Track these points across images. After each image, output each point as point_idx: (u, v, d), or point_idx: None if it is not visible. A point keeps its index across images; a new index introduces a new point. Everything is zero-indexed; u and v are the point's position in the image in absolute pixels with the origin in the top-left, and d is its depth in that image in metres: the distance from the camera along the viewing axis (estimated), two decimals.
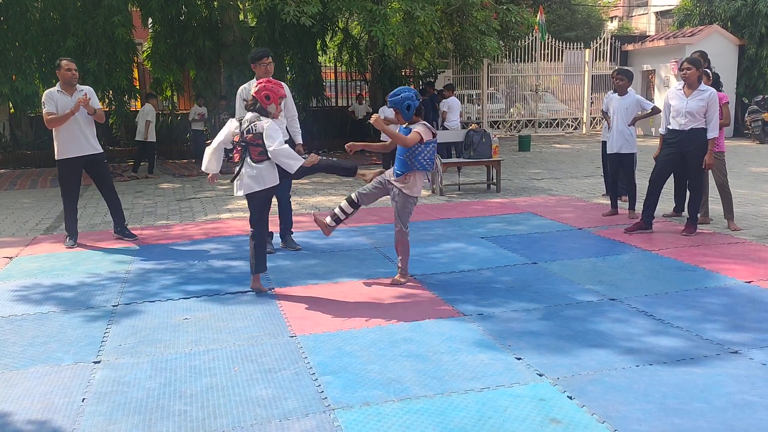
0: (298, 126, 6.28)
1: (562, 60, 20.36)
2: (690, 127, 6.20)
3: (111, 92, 13.61)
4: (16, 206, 9.48)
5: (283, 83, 5.17)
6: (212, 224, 7.68)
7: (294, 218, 6.57)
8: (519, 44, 19.60)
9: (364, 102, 16.88)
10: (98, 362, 3.70)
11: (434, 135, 4.90)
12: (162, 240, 6.85)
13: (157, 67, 14.41)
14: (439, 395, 3.19)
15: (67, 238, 6.71)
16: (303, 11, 11.94)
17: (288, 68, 16.78)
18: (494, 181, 9.92)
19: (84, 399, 3.24)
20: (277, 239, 6.44)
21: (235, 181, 4.80)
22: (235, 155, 4.80)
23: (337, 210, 5.21)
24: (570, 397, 3.13)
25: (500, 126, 20.34)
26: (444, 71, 18.80)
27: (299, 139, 6.23)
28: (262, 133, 4.66)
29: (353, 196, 5.14)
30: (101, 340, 4.03)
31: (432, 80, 17.43)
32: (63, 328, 4.26)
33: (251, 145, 4.70)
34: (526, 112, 20.97)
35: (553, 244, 6.27)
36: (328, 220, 5.22)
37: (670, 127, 6.38)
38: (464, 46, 15.36)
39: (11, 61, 13.65)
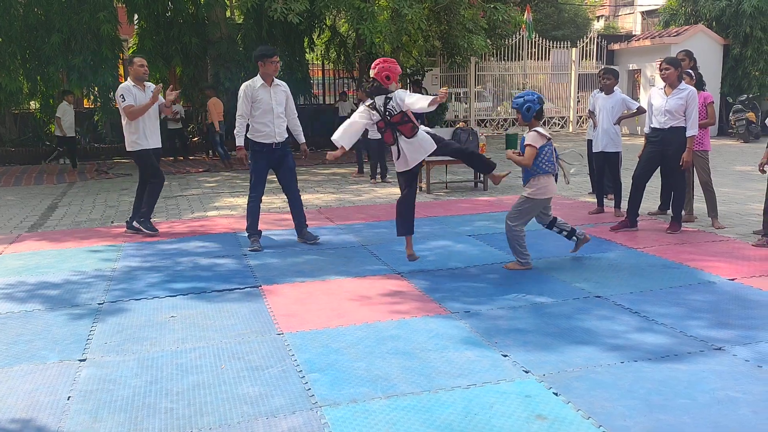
0: (299, 125, 6.47)
1: (548, 59, 20.45)
2: (669, 126, 6.27)
3: (96, 89, 13.50)
4: (0, 203, 9.39)
5: (395, 61, 5.33)
6: (199, 222, 7.65)
7: (281, 216, 6.56)
8: (506, 43, 19.67)
9: (348, 99, 16.87)
10: (84, 360, 3.68)
11: (548, 139, 5.18)
12: (148, 238, 6.80)
13: None
14: (426, 392, 3.20)
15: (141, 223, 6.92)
16: (290, 8, 11.92)
17: None
18: (481, 179, 9.94)
19: (69, 397, 3.22)
20: (266, 236, 6.42)
21: (397, 161, 5.18)
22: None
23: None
24: (556, 394, 3.15)
25: (487, 124, 20.40)
26: (431, 69, 18.82)
27: (302, 138, 6.47)
28: (403, 111, 4.98)
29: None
30: (87, 338, 4.00)
31: (419, 78, 17.46)
32: (48, 326, 4.23)
33: (401, 125, 5.04)
34: (513, 111, 21.03)
35: (540, 241, 6.30)
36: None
37: (652, 125, 6.45)
38: (452, 44, 15.40)
39: None
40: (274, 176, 6.48)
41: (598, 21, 38.42)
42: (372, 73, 5.10)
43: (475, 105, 20.29)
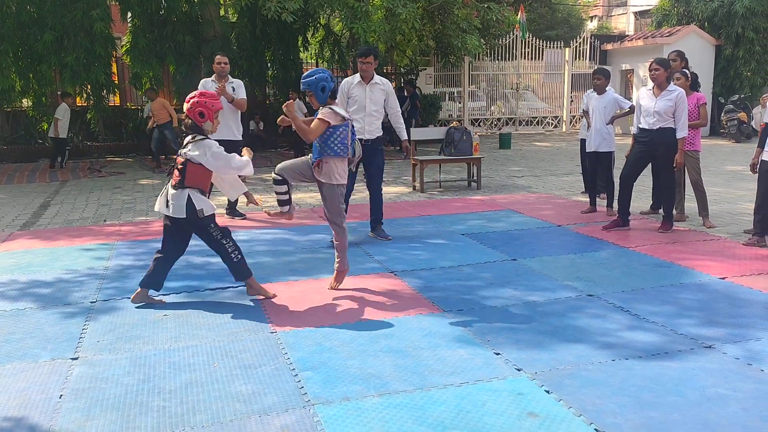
0: (402, 122, 6.68)
1: (542, 59, 20.49)
2: (658, 127, 6.31)
3: (89, 87, 13.44)
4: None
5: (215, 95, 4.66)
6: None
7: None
8: (500, 42, 19.69)
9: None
10: (76, 359, 3.67)
11: (344, 119, 4.62)
12: (141, 236, 6.79)
13: (136, 62, 14.23)
14: (419, 390, 3.22)
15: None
16: (284, 7, 11.88)
17: (269, 64, 16.70)
18: (475, 178, 9.97)
19: (61, 395, 3.22)
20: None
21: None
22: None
23: (278, 197, 4.91)
24: (547, 392, 3.17)
25: (481, 124, 20.43)
26: (425, 69, 18.82)
27: (404, 135, 6.78)
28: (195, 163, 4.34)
29: (275, 174, 4.84)
30: (79, 337, 3.99)
31: (413, 78, 17.47)
32: (40, 324, 4.22)
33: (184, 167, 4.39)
34: (506, 110, 21.08)
35: (533, 241, 6.33)
36: (279, 210, 4.95)
37: (641, 126, 6.48)
38: (445, 43, 15.39)
39: None
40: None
41: (591, 21, 38.53)
42: (185, 107, 4.40)
43: (469, 104, 20.32)
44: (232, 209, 7.73)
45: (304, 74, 4.67)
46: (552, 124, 21.05)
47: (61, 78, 13.55)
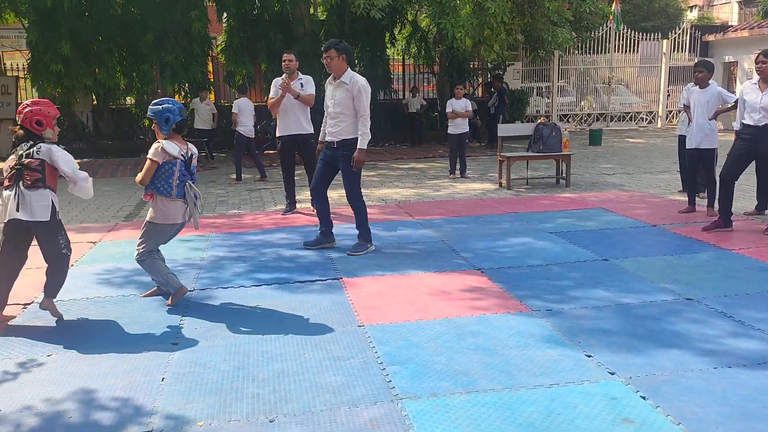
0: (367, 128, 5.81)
1: (637, 51, 19.69)
2: (764, 123, 5.94)
3: (187, 85, 14.05)
4: (98, 194, 9.93)
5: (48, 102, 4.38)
6: (280, 215, 7.84)
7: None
8: (592, 35, 19.07)
9: (418, 95, 16.83)
10: (176, 344, 3.86)
11: (175, 157, 4.36)
12: (234, 229, 7.05)
13: (230, 61, 14.77)
14: (507, 389, 3.18)
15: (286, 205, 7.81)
16: (373, 4, 11.99)
17: (356, 61, 16.89)
18: (564, 175, 9.71)
19: (163, 378, 3.39)
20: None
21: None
22: None
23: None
24: (643, 397, 3.06)
25: (570, 119, 19.88)
26: (513, 63, 18.50)
27: (362, 144, 5.73)
28: (45, 160, 4.10)
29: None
30: (179, 323, 4.20)
31: (500, 73, 17.21)
32: (143, 310, 4.47)
33: (30, 170, 4.07)
34: (597, 106, 20.41)
35: (626, 240, 6.10)
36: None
37: (744, 122, 6.12)
38: (535, 37, 15.05)
39: (94, 55, 14.30)
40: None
41: (691, 11, 36.66)
42: (18, 119, 4.16)
43: (558, 100, 19.81)
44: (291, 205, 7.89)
45: (153, 102, 4.52)
46: (646, 119, 20.21)
47: (161, 76, 14.24)
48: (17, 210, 4.04)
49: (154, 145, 4.39)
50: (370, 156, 14.35)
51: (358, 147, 5.69)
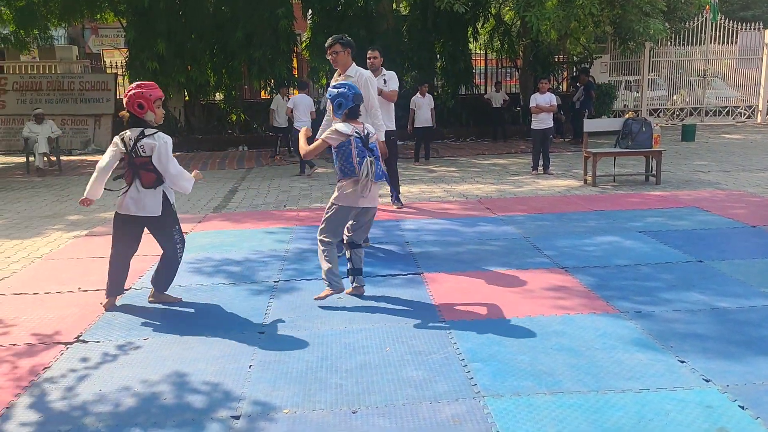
0: (379, 120, 5.98)
1: (735, 42, 18.62)
2: None
3: (273, 81, 14.42)
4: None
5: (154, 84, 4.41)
6: None
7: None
8: (686, 26, 18.19)
9: (501, 90, 16.55)
10: (263, 333, 3.98)
11: (348, 136, 4.32)
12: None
13: (314, 57, 15.06)
14: (594, 392, 3.09)
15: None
16: None
17: (438, 56, 16.82)
18: (654, 172, 9.32)
19: (251, 366, 3.51)
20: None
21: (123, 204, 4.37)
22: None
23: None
24: (742, 407, 2.89)
25: (661, 114, 19.06)
26: (600, 56, 17.90)
27: (381, 136, 5.90)
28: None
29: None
30: (264, 313, 4.32)
31: (587, 66, 16.70)
32: (231, 299, 4.63)
33: (143, 169, 4.25)
34: (690, 100, 19.45)
35: (722, 241, 5.79)
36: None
37: None
38: (625, 29, 14.50)
39: (188, 53, 14.91)
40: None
41: None
42: (123, 102, 4.26)
43: (648, 93, 19.02)
44: (396, 198, 7.92)
45: (332, 85, 4.57)
46: (745, 114, 19.09)
47: (249, 73, 14.69)
48: (131, 206, 4.27)
49: (329, 129, 4.48)
50: (451, 151, 14.29)
51: (377, 139, 5.53)
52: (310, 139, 4.81)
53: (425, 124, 12.28)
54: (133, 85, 4.28)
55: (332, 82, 5.84)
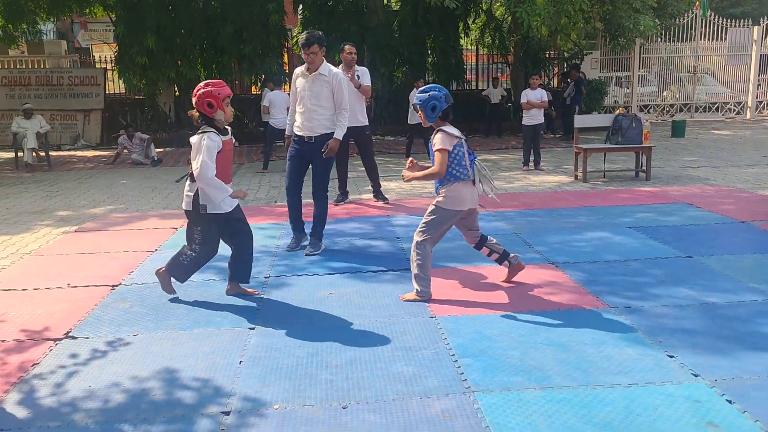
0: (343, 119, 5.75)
1: (725, 39, 18.71)
2: None
3: (263, 76, 14.36)
4: (181, 181, 10.33)
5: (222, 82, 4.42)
6: (353, 204, 7.91)
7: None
8: (676, 22, 18.26)
9: (499, 86, 16.56)
10: (253, 329, 3.97)
11: (459, 138, 4.30)
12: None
13: None
14: (583, 387, 3.10)
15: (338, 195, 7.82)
16: None
17: (429, 51, 16.81)
18: (644, 168, 9.36)
19: (241, 361, 3.50)
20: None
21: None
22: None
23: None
24: (729, 401, 2.92)
25: (651, 110, 19.13)
26: (591, 53, 17.95)
27: (339, 134, 5.69)
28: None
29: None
30: (256, 309, 4.31)
31: (578, 62, 16.73)
32: (222, 295, 4.61)
33: None
34: (681, 96, 19.55)
35: (711, 237, 5.83)
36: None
37: None
38: (615, 25, 14.55)
39: (177, 48, 14.83)
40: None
41: None
42: (193, 101, 4.23)
43: (638, 89, 19.09)
44: (377, 192, 7.95)
45: (420, 89, 4.43)
46: (734, 110, 19.20)
47: (239, 68, 14.63)
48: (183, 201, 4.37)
49: (437, 136, 4.27)
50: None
51: (334, 136, 5.61)
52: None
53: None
54: (202, 84, 4.24)
55: (296, 80, 5.71)
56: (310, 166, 5.80)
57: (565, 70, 17.00)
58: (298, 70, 5.73)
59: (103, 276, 5.13)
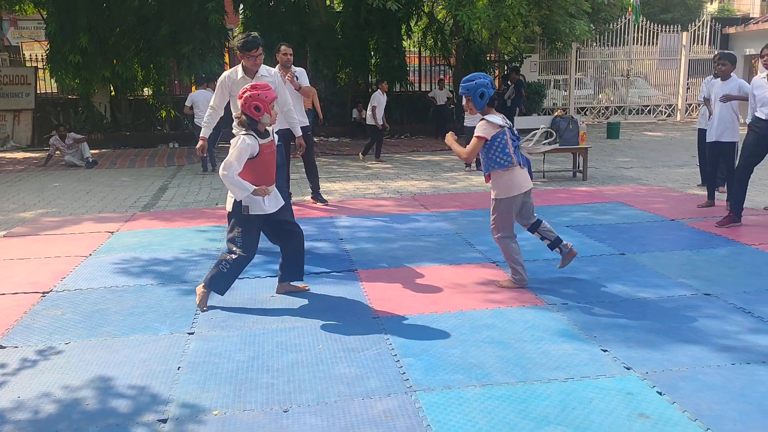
0: (295, 117, 6.03)
1: (656, 44, 19.46)
2: None
3: (204, 76, 14.08)
4: (116, 184, 10.03)
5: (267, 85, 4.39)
6: (296, 206, 7.84)
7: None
8: (610, 27, 18.88)
9: (445, 87, 16.74)
10: (192, 333, 3.88)
11: (501, 126, 4.39)
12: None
13: None
14: (522, 383, 3.16)
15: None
16: None
17: (372, 53, 16.86)
18: (581, 168, 9.64)
19: (179, 367, 3.42)
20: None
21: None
22: None
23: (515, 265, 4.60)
24: (660, 393, 3.03)
25: (587, 112, 19.71)
26: (530, 56, 18.36)
27: (298, 131, 6.03)
28: None
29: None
30: (194, 313, 4.22)
31: (518, 65, 17.08)
32: (159, 300, 4.50)
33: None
34: (615, 98, 20.21)
35: (643, 235, 6.04)
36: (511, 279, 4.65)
37: (757, 115, 6.07)
38: (552, 29, 14.94)
39: (112, 47, 14.40)
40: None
41: (711, 3, 36.09)
42: (239, 104, 4.24)
43: (575, 92, 19.64)
44: (316, 194, 7.92)
45: (464, 78, 4.45)
46: (665, 112, 19.98)
47: (178, 68, 14.30)
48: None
49: (481, 123, 4.38)
50: (386, 148, 14.33)
51: (299, 134, 6.00)
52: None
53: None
54: (248, 86, 4.23)
55: (234, 83, 5.48)
56: None
57: (506, 72, 17.33)
58: (233, 74, 5.54)
59: (32, 283, 4.93)
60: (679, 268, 4.97)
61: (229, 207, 4.30)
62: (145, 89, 16.65)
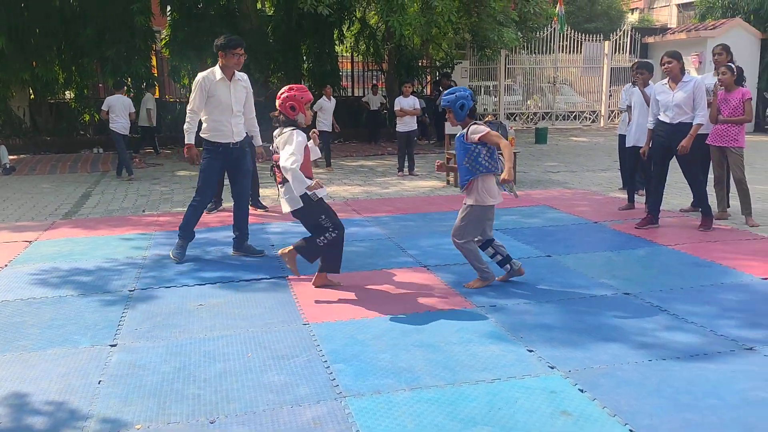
0: (257, 126, 6.08)
1: (580, 52, 20.16)
2: (678, 121, 6.22)
3: (129, 79, 13.67)
4: (36, 191, 9.60)
5: (304, 87, 4.71)
6: (228, 213, 7.69)
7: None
8: (537, 36, 19.44)
9: (378, 93, 16.84)
10: (114, 345, 3.75)
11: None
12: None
13: (174, 55, 14.45)
14: (450, 385, 3.21)
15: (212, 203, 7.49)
16: (320, 0, 11.92)
17: (304, 57, 16.77)
18: None
19: (100, 381, 3.29)
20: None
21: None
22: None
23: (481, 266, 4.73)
24: (581, 390, 3.13)
25: (517, 118, 20.22)
26: (461, 62, 18.69)
27: (259, 141, 6.18)
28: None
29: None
30: (118, 324, 4.08)
31: (449, 71, 17.35)
32: (80, 311, 4.32)
33: (276, 167, 4.54)
34: (543, 105, 20.81)
35: (568, 237, 6.25)
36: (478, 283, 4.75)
37: (660, 118, 6.39)
38: (481, 36, 15.26)
39: (32, 49, 13.78)
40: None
41: (632, 14, 37.76)
42: (277, 104, 4.51)
43: (505, 98, 20.12)
44: (255, 200, 7.80)
45: (446, 92, 4.69)
46: (589, 118, 20.71)
47: (102, 70, 13.83)
48: (282, 207, 4.60)
49: (473, 126, 4.54)
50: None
51: (259, 144, 6.16)
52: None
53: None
54: (285, 87, 4.56)
55: (215, 85, 5.42)
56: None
57: (437, 78, 17.59)
58: (210, 75, 5.43)
59: None
60: (601, 269, 5.16)
61: (288, 208, 4.53)
62: (67, 92, 16.01)
